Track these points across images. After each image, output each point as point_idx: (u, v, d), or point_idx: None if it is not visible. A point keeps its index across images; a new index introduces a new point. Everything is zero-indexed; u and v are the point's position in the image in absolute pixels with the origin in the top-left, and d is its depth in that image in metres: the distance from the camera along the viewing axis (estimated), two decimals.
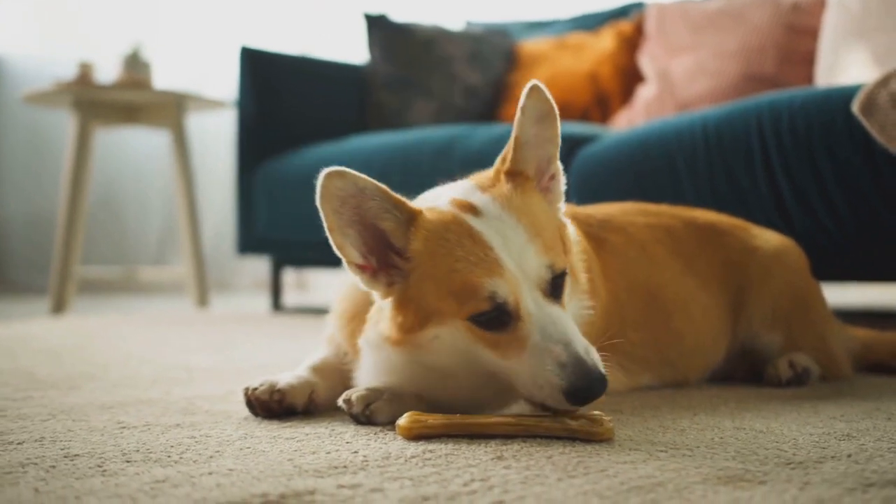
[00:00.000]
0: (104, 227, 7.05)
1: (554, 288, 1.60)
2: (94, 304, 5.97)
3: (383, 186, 1.62)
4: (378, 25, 5.42)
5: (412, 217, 1.63)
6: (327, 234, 1.62)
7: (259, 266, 7.53)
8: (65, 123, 6.22)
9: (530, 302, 1.56)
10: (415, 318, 1.62)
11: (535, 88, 1.67)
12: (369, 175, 1.61)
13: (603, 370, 1.52)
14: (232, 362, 2.72)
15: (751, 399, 2.03)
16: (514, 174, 1.70)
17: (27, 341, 3.28)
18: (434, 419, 1.58)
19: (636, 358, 2.16)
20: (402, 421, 1.57)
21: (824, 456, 1.44)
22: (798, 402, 1.99)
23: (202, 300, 5.48)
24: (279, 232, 4.89)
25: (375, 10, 5.46)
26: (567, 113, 4.97)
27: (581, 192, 3.50)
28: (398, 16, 5.52)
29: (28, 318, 4.58)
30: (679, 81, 4.64)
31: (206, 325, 4.16)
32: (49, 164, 6.66)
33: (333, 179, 1.57)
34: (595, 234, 2.15)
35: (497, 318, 1.56)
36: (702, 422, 1.75)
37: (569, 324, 1.57)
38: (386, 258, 1.65)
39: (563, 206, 1.79)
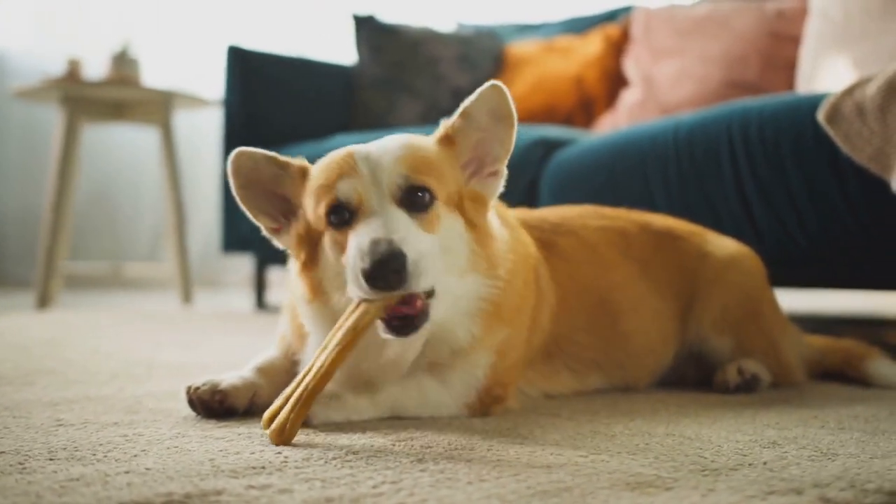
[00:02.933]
0: (98, 223, 7.10)
1: (410, 200, 1.64)
2: (82, 299, 6.00)
3: (272, 154, 1.79)
4: (366, 26, 5.44)
5: (302, 171, 1.77)
6: (242, 208, 1.81)
7: (249, 263, 7.55)
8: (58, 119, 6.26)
9: (375, 202, 1.62)
10: (308, 249, 1.75)
11: (496, 87, 1.74)
12: None
13: (404, 250, 1.52)
14: (198, 359, 2.75)
15: (693, 405, 2.05)
16: (445, 139, 1.78)
17: (1, 335, 3.31)
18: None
19: (585, 360, 2.19)
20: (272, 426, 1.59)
21: (742, 463, 1.46)
22: (740, 409, 2.01)
23: (186, 297, 5.51)
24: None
25: (364, 11, 5.48)
26: (551, 116, 4.98)
27: (555, 197, 3.52)
28: (390, 17, 5.54)
29: (12, 311, 4.61)
30: (663, 86, 4.65)
31: (186, 321, 4.19)
32: (43, 159, 6.69)
33: (234, 158, 1.77)
34: (546, 238, 2.18)
35: (344, 218, 1.65)
36: (635, 427, 1.77)
37: (402, 223, 1.59)
38: (294, 216, 1.80)
39: (491, 204, 1.83)
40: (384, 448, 1.52)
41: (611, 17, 5.53)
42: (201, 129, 7.20)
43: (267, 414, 1.61)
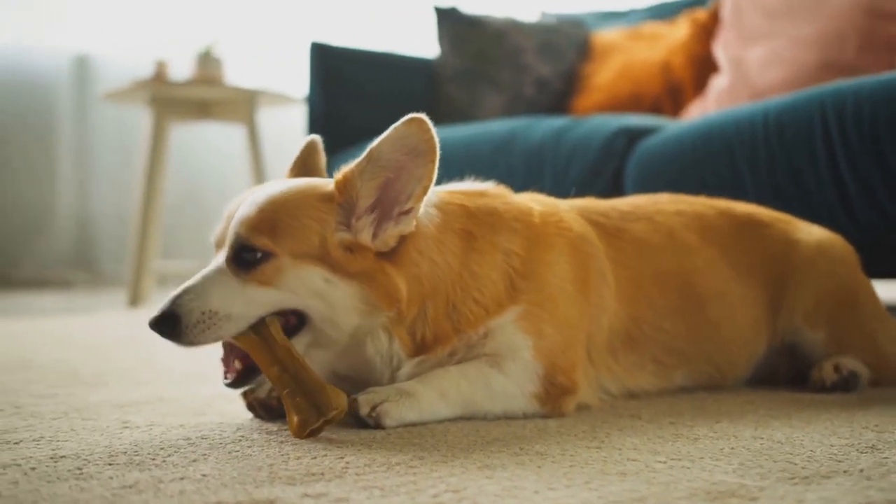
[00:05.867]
0: (188, 221, 7.18)
1: (241, 258, 1.64)
2: None
3: None
4: (448, 18, 5.37)
5: None
6: None
7: None
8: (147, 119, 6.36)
9: (222, 252, 1.69)
10: None
11: (415, 121, 1.67)
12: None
13: (181, 312, 1.64)
14: None
15: (785, 406, 1.93)
16: (337, 187, 1.71)
17: (87, 333, 3.34)
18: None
19: (672, 350, 2.09)
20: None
21: (836, 470, 1.35)
22: (836, 410, 1.88)
23: None
24: None
25: (446, 3, 5.42)
26: (638, 105, 4.85)
27: (641, 186, 3.40)
28: (472, 8, 5.46)
29: (105, 310, 4.68)
30: (753, 71, 4.48)
31: None
32: (134, 159, 6.79)
33: None
34: (613, 225, 2.10)
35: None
36: (720, 430, 1.67)
37: (201, 279, 1.67)
38: None
39: (391, 241, 1.71)
40: (452, 452, 1.45)
41: (699, 1, 5.36)
42: (287, 126, 7.22)
43: (297, 427, 1.56)
